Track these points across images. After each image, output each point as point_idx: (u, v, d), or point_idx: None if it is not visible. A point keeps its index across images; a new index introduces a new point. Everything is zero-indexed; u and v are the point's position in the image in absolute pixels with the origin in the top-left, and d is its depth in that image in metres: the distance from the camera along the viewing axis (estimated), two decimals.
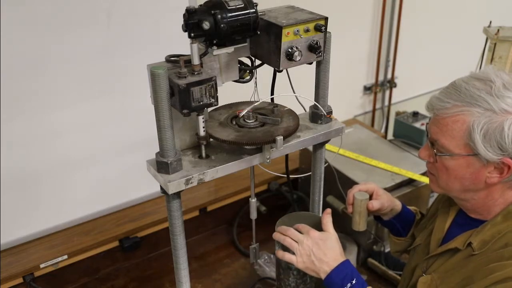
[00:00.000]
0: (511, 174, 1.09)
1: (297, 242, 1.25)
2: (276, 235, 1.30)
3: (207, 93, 1.07)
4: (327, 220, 1.28)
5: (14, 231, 1.89)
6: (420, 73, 3.00)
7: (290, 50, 1.14)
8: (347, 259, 1.23)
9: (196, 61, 1.07)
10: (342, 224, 2.02)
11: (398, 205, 1.46)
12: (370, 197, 1.42)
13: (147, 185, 1.97)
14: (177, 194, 1.15)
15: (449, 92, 1.10)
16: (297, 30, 1.13)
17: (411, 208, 1.52)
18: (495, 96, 1.04)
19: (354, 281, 1.20)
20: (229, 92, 1.34)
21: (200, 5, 1.09)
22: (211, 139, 1.20)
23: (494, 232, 1.14)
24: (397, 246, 1.51)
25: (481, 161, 1.08)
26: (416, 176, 1.93)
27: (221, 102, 1.15)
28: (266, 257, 1.95)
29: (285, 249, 1.32)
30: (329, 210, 1.30)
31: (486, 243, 1.13)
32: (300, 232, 1.28)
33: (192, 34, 1.04)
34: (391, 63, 2.83)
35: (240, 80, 1.25)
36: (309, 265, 1.23)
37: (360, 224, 1.41)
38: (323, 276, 1.22)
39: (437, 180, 1.19)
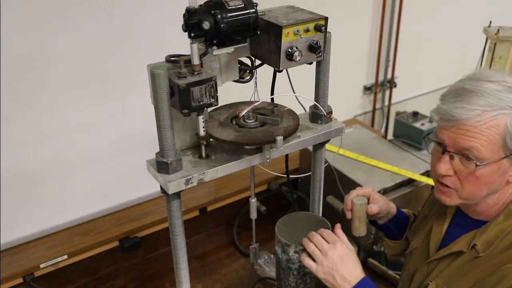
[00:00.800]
0: None
1: (321, 251, 1.23)
2: (304, 241, 1.28)
3: (207, 93, 1.07)
4: (340, 233, 1.27)
5: (14, 231, 1.90)
6: (420, 73, 3.00)
7: (290, 50, 1.14)
8: (366, 276, 1.21)
9: (196, 61, 1.07)
10: (342, 224, 2.02)
11: (393, 208, 1.44)
12: (368, 202, 1.40)
13: (147, 185, 1.97)
14: (177, 194, 1.15)
15: (470, 99, 1.04)
16: (297, 30, 1.13)
17: (405, 210, 1.51)
18: None
19: None
20: (229, 92, 1.34)
21: (200, 5, 1.09)
22: (211, 139, 1.20)
23: (497, 231, 1.13)
24: (393, 249, 1.50)
25: (509, 161, 1.07)
26: (416, 176, 1.93)
27: (221, 102, 1.15)
28: (266, 257, 1.95)
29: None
30: (339, 225, 1.30)
31: (490, 244, 1.12)
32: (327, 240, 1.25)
33: (192, 34, 1.04)
34: (391, 63, 2.84)
35: (240, 80, 1.25)
36: (329, 277, 1.20)
37: (360, 229, 1.39)
38: None
39: (458, 192, 1.13)
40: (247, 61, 1.26)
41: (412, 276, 1.31)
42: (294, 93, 1.32)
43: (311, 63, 1.23)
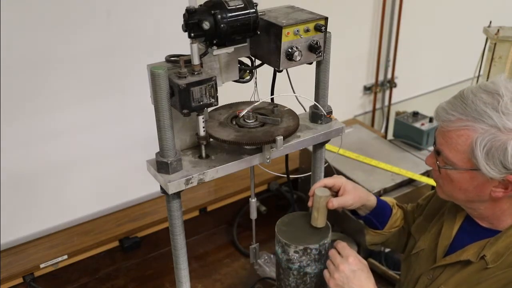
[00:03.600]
0: None
1: (333, 264, 1.23)
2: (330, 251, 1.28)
3: (207, 93, 1.07)
4: (347, 248, 1.26)
5: (14, 231, 1.89)
6: (420, 73, 3.00)
7: (290, 50, 1.14)
8: None
9: (196, 61, 1.07)
10: (342, 223, 2.02)
11: (371, 200, 1.40)
12: (336, 193, 1.36)
13: (147, 185, 1.97)
14: (177, 194, 1.15)
15: (455, 104, 1.07)
16: (297, 30, 1.13)
17: (388, 200, 1.48)
18: (501, 113, 1.00)
19: None
20: (229, 92, 1.34)
21: (200, 5, 1.09)
22: (211, 139, 1.20)
23: (508, 243, 1.12)
24: (373, 238, 1.47)
25: (485, 176, 1.06)
26: (416, 176, 1.93)
27: (221, 102, 1.15)
28: (266, 257, 1.95)
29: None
30: (342, 243, 1.28)
31: (500, 256, 1.11)
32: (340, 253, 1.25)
33: (192, 34, 1.04)
34: (391, 63, 2.83)
35: (240, 80, 1.25)
36: None
37: (318, 220, 1.34)
38: None
39: (441, 187, 1.19)
40: (247, 61, 1.26)
41: (417, 279, 1.30)
42: (294, 93, 1.32)
43: (311, 63, 1.23)
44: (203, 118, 1.14)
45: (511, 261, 1.10)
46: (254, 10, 1.08)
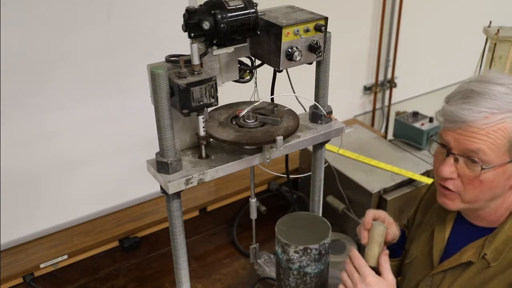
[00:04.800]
0: None
1: (352, 281, 1.18)
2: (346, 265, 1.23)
3: (207, 93, 1.07)
4: (386, 262, 1.19)
5: (14, 231, 1.89)
6: (420, 73, 3.01)
7: (290, 50, 1.14)
8: None
9: (196, 61, 1.07)
10: (342, 223, 2.02)
11: (398, 227, 1.38)
12: None
13: (147, 185, 1.97)
14: (177, 194, 1.15)
15: (478, 101, 1.03)
16: (297, 30, 1.13)
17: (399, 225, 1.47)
18: None
19: None
20: (229, 92, 1.34)
21: (200, 5, 1.09)
22: (211, 139, 1.20)
23: (505, 239, 1.11)
24: (393, 267, 1.37)
25: None
26: (416, 176, 1.93)
27: (221, 102, 1.15)
28: (266, 257, 1.95)
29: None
30: (387, 252, 1.21)
31: (500, 252, 1.11)
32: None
33: (192, 34, 1.04)
34: (391, 63, 2.83)
35: (240, 80, 1.25)
36: None
37: (378, 257, 1.22)
38: None
39: (462, 195, 1.11)
40: (247, 61, 1.26)
41: (415, 287, 1.28)
42: (294, 93, 1.32)
43: (311, 63, 1.23)
44: (203, 118, 1.14)
45: (510, 257, 1.10)
46: (254, 10, 1.08)
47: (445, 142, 1.09)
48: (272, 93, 1.34)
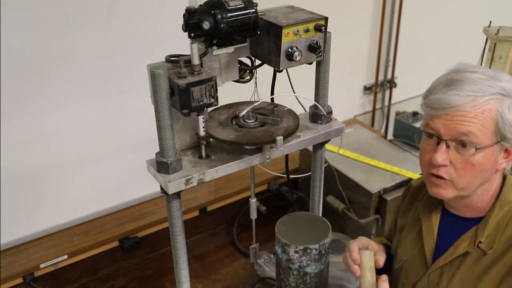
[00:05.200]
0: None
1: None
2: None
3: (207, 93, 1.07)
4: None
5: (14, 231, 1.89)
6: (420, 73, 3.00)
7: (290, 50, 1.14)
8: None
9: (196, 61, 1.07)
10: (342, 223, 2.02)
11: (383, 247, 1.38)
12: None
13: (147, 185, 1.97)
14: (177, 194, 1.15)
15: (462, 86, 1.07)
16: (297, 30, 1.13)
17: (381, 240, 1.48)
18: (504, 81, 1.08)
19: None
20: (229, 92, 1.34)
21: (200, 5, 1.09)
22: (211, 139, 1.20)
23: (495, 224, 1.14)
24: None
25: (500, 147, 1.10)
26: (416, 176, 1.93)
27: (221, 102, 1.15)
28: (266, 257, 1.95)
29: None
30: (385, 277, 1.19)
31: (493, 239, 1.13)
32: None
33: (192, 34, 1.04)
34: (391, 63, 2.83)
35: (240, 80, 1.25)
36: None
37: (373, 283, 1.21)
38: None
39: (455, 182, 1.12)
40: (247, 61, 1.26)
41: None
42: (294, 93, 1.32)
43: (311, 63, 1.23)
44: (203, 118, 1.14)
45: (503, 240, 1.12)
46: (254, 10, 1.08)
47: (435, 129, 1.11)
48: (272, 93, 1.34)
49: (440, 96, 1.09)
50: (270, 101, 1.33)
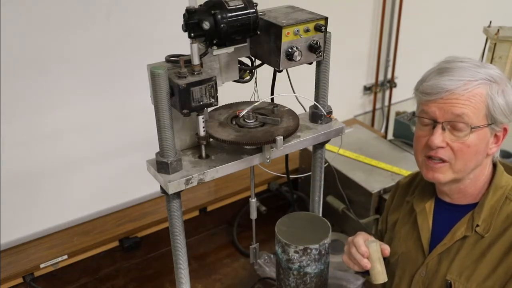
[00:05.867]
0: (501, 143, 1.18)
1: None
2: None
3: (207, 93, 1.07)
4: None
5: (14, 231, 1.90)
6: (420, 73, 2.99)
7: (290, 50, 1.14)
8: None
9: (196, 61, 1.07)
10: (342, 223, 2.02)
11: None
12: None
13: (147, 185, 1.97)
14: (177, 194, 1.15)
15: (454, 72, 1.14)
16: (297, 30, 1.13)
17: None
18: (490, 69, 1.15)
19: None
20: (229, 92, 1.34)
21: (200, 5, 1.09)
22: (211, 139, 1.20)
23: (490, 209, 1.18)
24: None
25: (491, 131, 1.15)
26: None
27: (221, 102, 1.15)
28: (266, 257, 1.95)
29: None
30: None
31: (489, 223, 1.17)
32: None
33: (192, 34, 1.04)
34: (391, 63, 2.83)
35: (240, 80, 1.25)
36: None
37: (384, 272, 1.24)
38: None
39: (452, 164, 1.15)
40: (247, 61, 1.26)
41: (410, 281, 1.29)
42: (294, 93, 1.32)
43: (311, 63, 1.23)
44: (203, 118, 1.14)
45: (498, 224, 1.16)
46: (254, 10, 1.08)
47: (430, 114, 1.15)
48: (272, 93, 1.34)
49: (434, 82, 1.14)
50: (270, 101, 1.33)
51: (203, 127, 1.15)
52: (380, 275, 1.24)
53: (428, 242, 1.26)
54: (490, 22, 2.00)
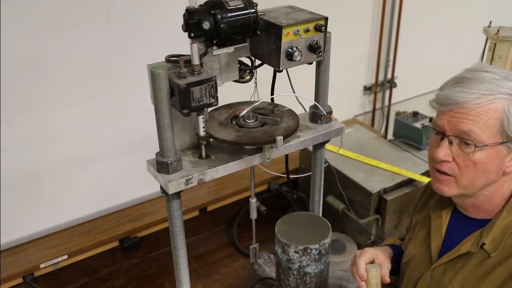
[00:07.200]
0: None
1: None
2: None
3: (207, 93, 1.07)
4: None
5: (14, 231, 1.89)
6: (420, 73, 3.00)
7: (290, 50, 1.14)
8: None
9: (196, 61, 1.07)
10: (342, 223, 2.02)
11: (391, 252, 1.38)
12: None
13: (147, 185, 1.97)
14: (177, 194, 1.15)
15: (469, 84, 1.07)
16: (297, 30, 1.13)
17: (394, 241, 1.48)
18: None
19: None
20: (229, 92, 1.34)
21: (200, 5, 1.09)
22: (211, 139, 1.20)
23: (502, 228, 1.13)
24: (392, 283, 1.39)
25: (507, 149, 1.09)
26: (416, 176, 1.93)
27: (221, 102, 1.15)
28: (266, 257, 1.95)
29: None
30: None
31: (498, 242, 1.12)
32: None
33: (192, 34, 1.04)
34: (391, 63, 2.83)
35: (240, 80, 1.25)
36: None
37: None
38: None
39: (457, 179, 1.12)
40: (247, 61, 1.26)
41: (414, 284, 1.28)
42: (294, 93, 1.32)
43: (311, 63, 1.23)
44: (203, 118, 1.14)
45: (509, 247, 1.11)
46: (254, 10, 1.08)
47: (440, 125, 1.12)
48: (272, 93, 1.34)
49: (447, 92, 1.10)
50: (270, 101, 1.33)
51: (203, 127, 1.15)
52: None
53: (438, 250, 1.24)
54: (490, 22, 2.00)
